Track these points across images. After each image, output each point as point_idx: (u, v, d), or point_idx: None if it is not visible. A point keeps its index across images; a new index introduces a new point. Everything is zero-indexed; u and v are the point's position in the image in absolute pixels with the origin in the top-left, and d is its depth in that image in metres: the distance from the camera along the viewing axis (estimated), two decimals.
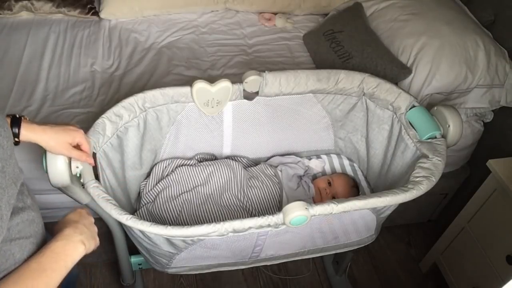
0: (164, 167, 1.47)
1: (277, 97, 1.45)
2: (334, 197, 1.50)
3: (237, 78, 1.39)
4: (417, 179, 1.19)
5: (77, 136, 1.03)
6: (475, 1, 1.89)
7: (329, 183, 1.51)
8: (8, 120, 0.89)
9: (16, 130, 0.90)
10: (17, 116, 0.91)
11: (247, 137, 1.54)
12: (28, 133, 0.92)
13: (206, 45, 2.03)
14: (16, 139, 0.91)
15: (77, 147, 1.05)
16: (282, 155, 1.61)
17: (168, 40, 2.03)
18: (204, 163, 1.48)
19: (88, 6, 2.07)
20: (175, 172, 1.44)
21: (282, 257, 1.37)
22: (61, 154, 1.02)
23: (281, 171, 1.49)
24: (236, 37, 2.10)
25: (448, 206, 2.10)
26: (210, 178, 1.42)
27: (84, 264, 1.86)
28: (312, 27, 2.18)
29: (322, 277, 1.93)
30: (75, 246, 0.83)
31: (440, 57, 1.65)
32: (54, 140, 0.98)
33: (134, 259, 1.48)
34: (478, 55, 1.66)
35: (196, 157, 1.53)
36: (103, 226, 1.65)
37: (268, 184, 1.44)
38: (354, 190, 1.54)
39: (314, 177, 1.59)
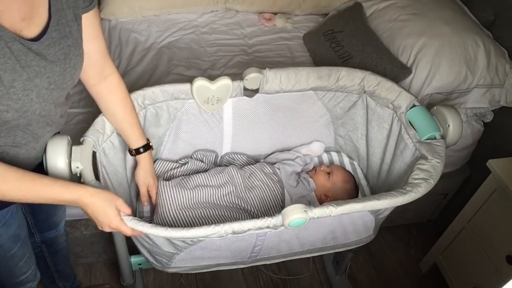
0: (165, 169, 1.47)
1: (278, 94, 1.45)
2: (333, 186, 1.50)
3: (237, 78, 1.39)
4: (416, 181, 1.19)
5: (153, 186, 1.33)
6: (475, 1, 1.90)
7: (329, 174, 1.51)
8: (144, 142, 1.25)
9: (141, 150, 1.25)
10: (150, 144, 1.27)
11: (247, 134, 1.53)
12: (145, 156, 1.26)
13: (206, 45, 2.03)
14: (134, 153, 1.25)
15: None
16: (282, 152, 1.61)
17: (168, 40, 2.03)
18: (195, 176, 1.45)
19: None
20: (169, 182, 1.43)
21: (281, 256, 1.37)
22: (138, 183, 1.31)
23: (279, 169, 1.49)
24: (236, 37, 2.10)
25: (448, 206, 2.10)
26: (204, 186, 1.41)
27: (84, 264, 1.86)
28: (312, 27, 2.18)
29: (322, 277, 1.93)
30: (78, 199, 0.98)
31: (440, 57, 1.65)
32: (145, 175, 1.29)
33: (134, 259, 1.48)
34: (478, 55, 1.66)
35: (194, 155, 1.52)
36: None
37: (268, 183, 1.43)
38: (353, 182, 1.53)
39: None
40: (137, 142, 1.23)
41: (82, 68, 1.04)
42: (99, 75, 1.12)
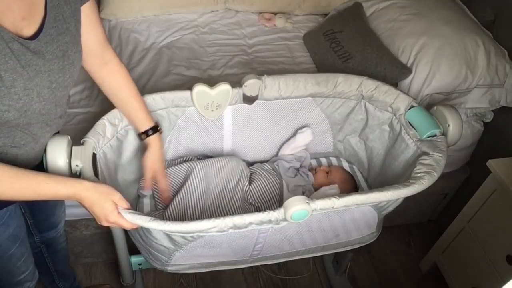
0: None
1: (277, 101, 1.45)
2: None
3: (237, 78, 1.40)
4: (419, 174, 1.19)
5: (160, 172, 1.30)
6: (475, 1, 1.89)
7: (327, 173, 1.52)
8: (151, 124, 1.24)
9: (150, 132, 1.24)
10: (159, 128, 1.26)
11: (246, 141, 1.54)
12: (154, 139, 1.25)
13: (206, 45, 2.03)
14: (144, 136, 1.24)
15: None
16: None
17: (168, 40, 2.03)
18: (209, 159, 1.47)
19: None
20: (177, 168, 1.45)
21: (283, 256, 1.37)
22: (145, 168, 1.28)
23: (277, 165, 1.50)
24: (236, 37, 2.10)
25: (448, 206, 2.10)
26: (218, 168, 1.42)
27: (84, 264, 1.86)
28: (312, 27, 2.18)
29: (322, 277, 1.93)
30: (75, 193, 0.97)
31: (440, 57, 1.65)
32: (154, 159, 1.27)
33: (134, 259, 1.49)
34: (478, 55, 1.66)
35: (196, 158, 1.53)
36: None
37: (267, 176, 1.45)
38: (351, 183, 1.53)
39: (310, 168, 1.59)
40: (144, 124, 1.23)
41: (80, 65, 1.04)
42: (100, 62, 1.14)
